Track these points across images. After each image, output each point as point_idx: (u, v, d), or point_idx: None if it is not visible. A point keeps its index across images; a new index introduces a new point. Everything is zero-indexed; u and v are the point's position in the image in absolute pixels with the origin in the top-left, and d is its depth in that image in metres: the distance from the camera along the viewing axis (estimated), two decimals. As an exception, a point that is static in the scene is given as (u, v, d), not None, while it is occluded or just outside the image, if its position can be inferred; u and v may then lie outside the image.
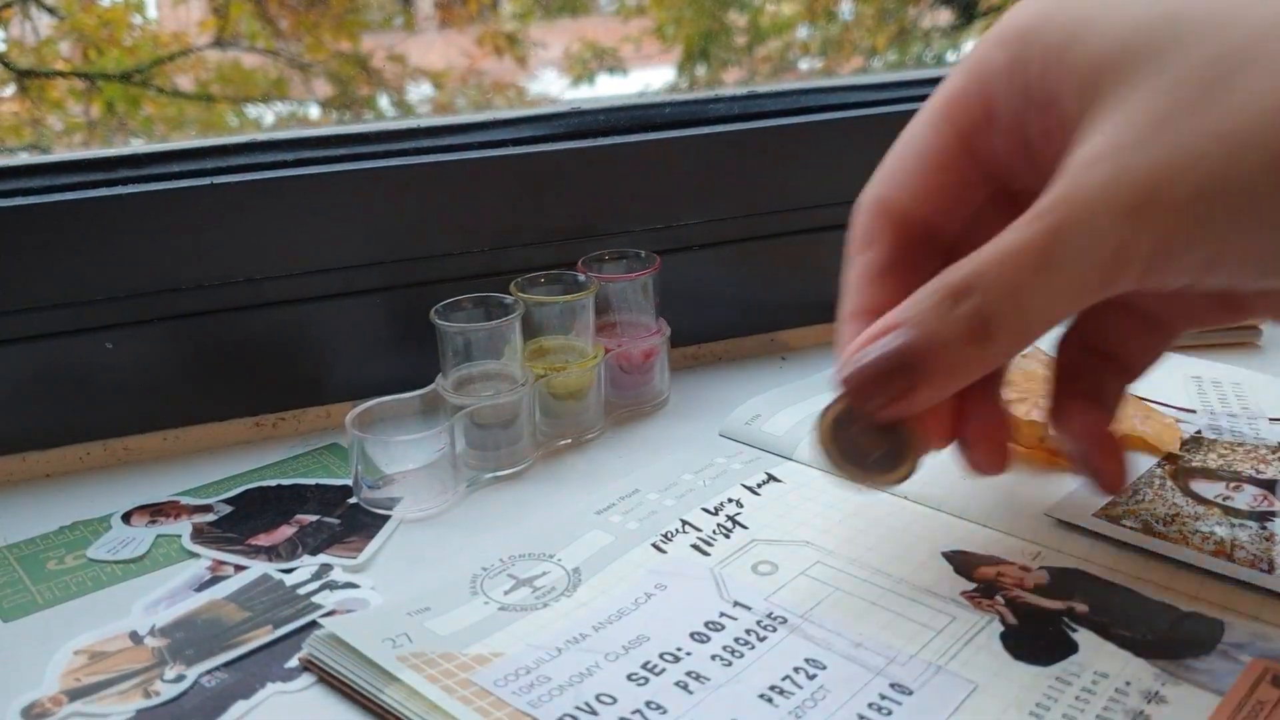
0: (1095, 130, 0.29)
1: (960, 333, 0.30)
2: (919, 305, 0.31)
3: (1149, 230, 0.28)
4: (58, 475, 0.47)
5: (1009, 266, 0.30)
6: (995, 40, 0.32)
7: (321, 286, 0.49)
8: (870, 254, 0.35)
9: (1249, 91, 0.27)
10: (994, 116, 0.32)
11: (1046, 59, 0.31)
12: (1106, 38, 0.30)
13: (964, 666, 0.32)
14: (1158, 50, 0.28)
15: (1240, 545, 0.37)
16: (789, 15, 1.06)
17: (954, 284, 0.30)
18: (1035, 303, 0.30)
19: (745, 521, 0.40)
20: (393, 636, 0.33)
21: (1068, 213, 0.29)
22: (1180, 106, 0.28)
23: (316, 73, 0.82)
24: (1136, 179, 0.28)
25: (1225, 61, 0.27)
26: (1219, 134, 0.27)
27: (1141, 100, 0.28)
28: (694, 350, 0.57)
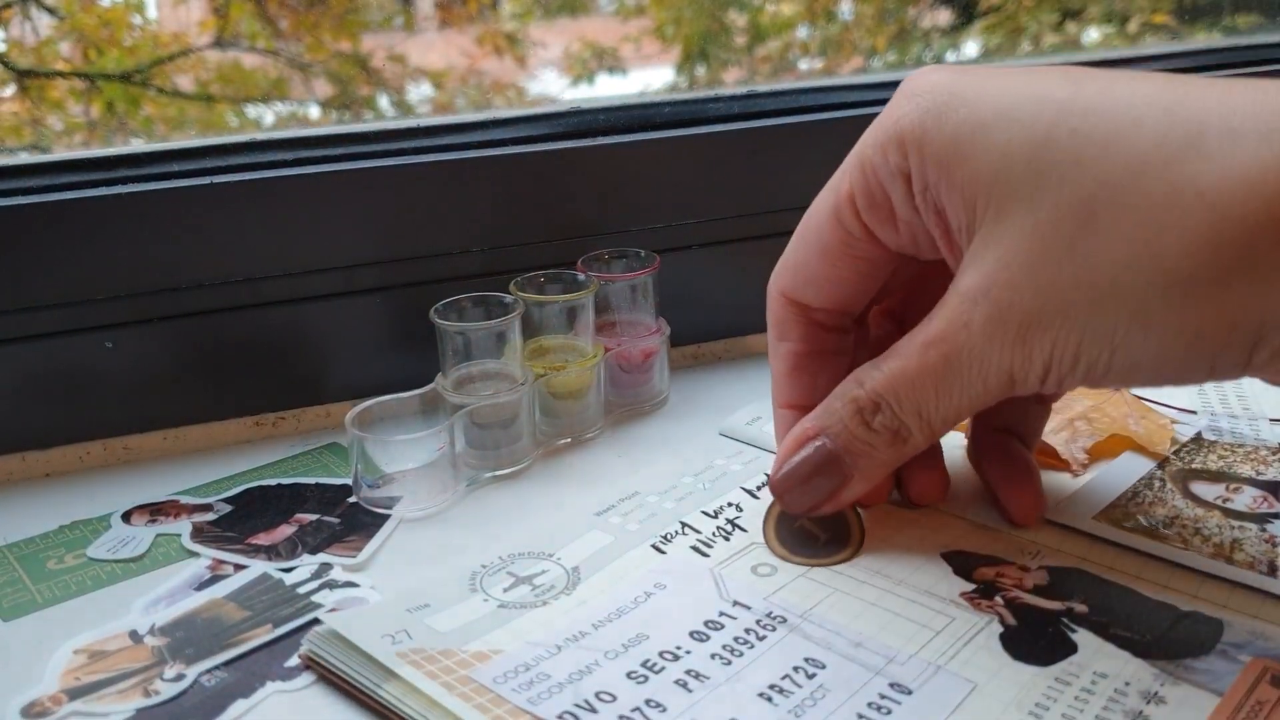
0: (977, 261, 0.32)
1: (881, 440, 0.35)
2: (835, 416, 0.35)
3: (1036, 356, 0.31)
4: (58, 475, 0.47)
5: (912, 388, 0.33)
6: (886, 143, 0.33)
7: (321, 286, 0.49)
8: (787, 345, 0.38)
9: (1104, 241, 0.29)
10: (893, 215, 0.34)
11: (938, 173, 0.32)
12: (983, 165, 0.31)
13: (963, 666, 0.32)
14: (1025, 187, 0.30)
15: (1240, 547, 0.37)
16: (789, 15, 1.06)
17: (863, 400, 0.34)
18: (939, 414, 0.34)
19: (744, 525, 0.40)
20: (392, 633, 0.33)
21: (956, 345, 0.32)
22: (1048, 252, 0.30)
23: (316, 73, 0.82)
24: (1022, 316, 0.31)
25: (1084, 208, 0.30)
26: (1082, 282, 0.30)
27: (1017, 239, 0.31)
28: (694, 350, 0.57)
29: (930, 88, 0.33)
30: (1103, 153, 0.29)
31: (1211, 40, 0.86)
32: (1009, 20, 1.04)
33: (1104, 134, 0.30)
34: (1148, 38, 1.00)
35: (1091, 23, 1.06)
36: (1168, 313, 0.29)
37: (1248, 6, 0.81)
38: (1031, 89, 0.31)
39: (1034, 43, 1.04)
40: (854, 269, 0.36)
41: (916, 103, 0.33)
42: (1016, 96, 0.31)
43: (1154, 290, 0.29)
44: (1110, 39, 1.02)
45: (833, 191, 0.35)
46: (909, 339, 0.33)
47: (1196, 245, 0.28)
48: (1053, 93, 0.31)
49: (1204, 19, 0.91)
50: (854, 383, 0.35)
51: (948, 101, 0.32)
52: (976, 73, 0.33)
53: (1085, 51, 1.06)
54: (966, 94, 0.32)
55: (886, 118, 0.34)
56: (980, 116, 0.31)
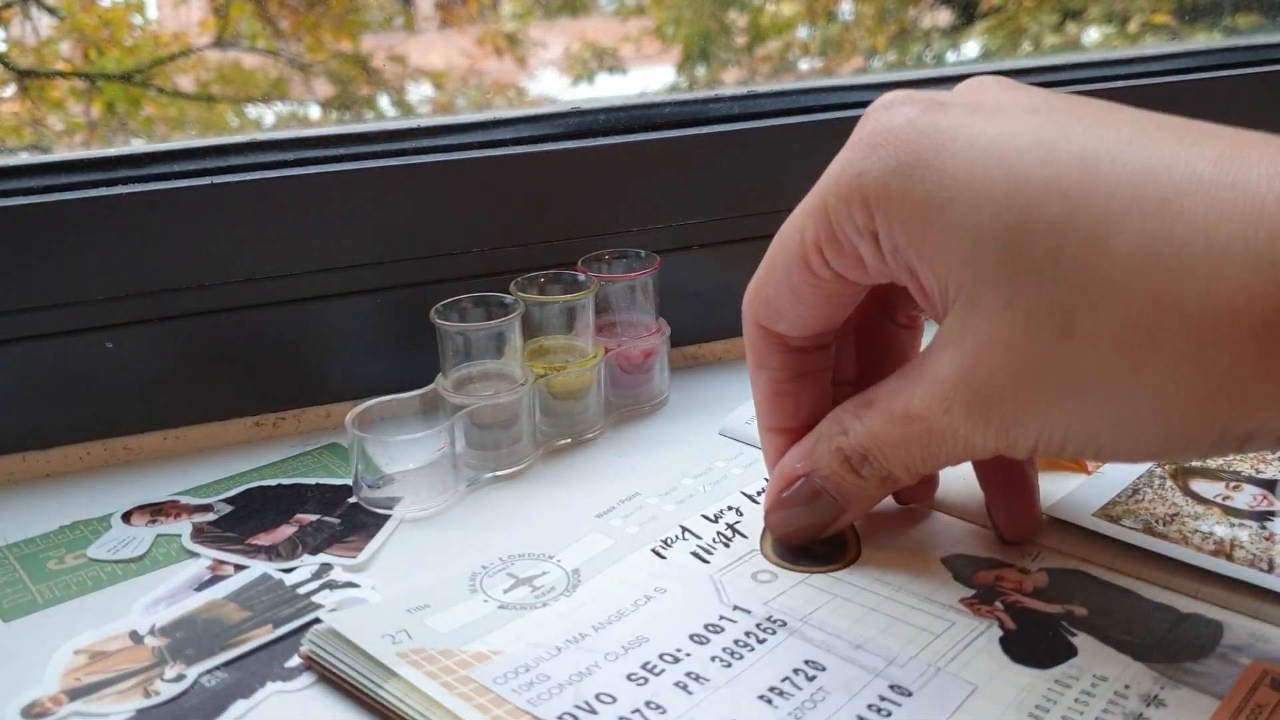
0: (954, 344, 0.31)
1: (869, 485, 0.35)
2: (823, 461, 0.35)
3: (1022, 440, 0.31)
4: (58, 475, 0.47)
5: (896, 449, 0.33)
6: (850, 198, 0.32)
7: (321, 286, 0.49)
8: (766, 373, 0.38)
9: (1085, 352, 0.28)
10: (862, 263, 0.33)
11: (906, 240, 0.31)
12: (954, 245, 0.30)
13: (963, 669, 0.32)
14: (1001, 280, 0.29)
15: (1240, 545, 0.37)
16: (789, 15, 1.06)
17: (849, 450, 0.35)
18: (927, 467, 0.34)
19: (745, 530, 0.40)
20: (392, 632, 0.33)
21: (939, 427, 0.32)
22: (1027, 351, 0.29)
23: (317, 73, 0.82)
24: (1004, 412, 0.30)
25: (1064, 314, 0.28)
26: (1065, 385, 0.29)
27: (991, 333, 0.30)
28: (694, 350, 0.57)
29: (893, 139, 0.31)
30: (1082, 255, 0.28)
31: (1212, 40, 0.86)
32: (1009, 21, 1.04)
33: (1083, 232, 0.28)
34: (1148, 38, 1.00)
35: (1092, 23, 1.06)
36: (1153, 422, 0.28)
37: (1248, 6, 0.81)
38: (1004, 162, 0.29)
39: (1034, 43, 1.04)
40: (827, 303, 0.35)
41: (880, 156, 0.31)
42: (987, 170, 0.29)
43: (1138, 405, 0.28)
44: (1110, 39, 1.02)
45: (797, 233, 0.34)
46: (890, 397, 0.33)
47: (1181, 370, 0.27)
48: (1028, 171, 0.29)
49: (1204, 19, 0.91)
50: (838, 428, 0.35)
51: (911, 163, 0.30)
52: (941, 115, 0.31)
53: (1085, 51, 1.06)
54: (931, 157, 0.30)
55: (850, 165, 0.32)
56: (948, 189, 0.30)
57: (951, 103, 0.32)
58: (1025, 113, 0.31)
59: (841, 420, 0.35)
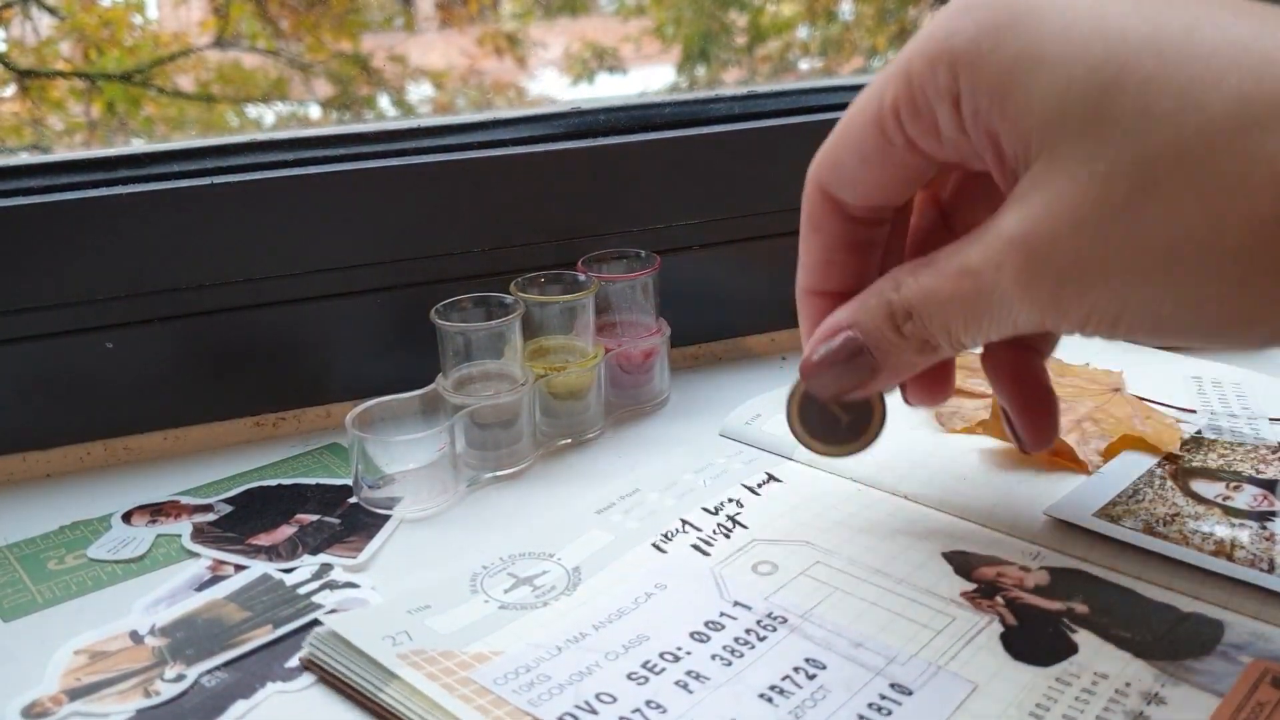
0: (1023, 201, 0.30)
1: (910, 346, 0.34)
2: (869, 313, 0.34)
3: (1072, 313, 0.29)
4: (58, 475, 0.47)
5: (942, 308, 0.32)
6: (936, 59, 0.31)
7: (321, 286, 0.49)
8: (819, 237, 0.37)
9: (1163, 209, 0.27)
10: (937, 131, 0.32)
11: (990, 101, 0.30)
12: (1042, 102, 0.29)
13: (964, 667, 0.32)
14: (1086, 131, 0.28)
15: (1240, 545, 0.37)
16: (789, 15, 1.06)
17: (896, 305, 0.33)
18: (968, 335, 0.32)
19: (745, 521, 0.40)
20: (393, 634, 0.33)
21: (988, 284, 0.30)
22: (1099, 209, 0.28)
23: (317, 73, 0.82)
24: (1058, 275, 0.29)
25: (1147, 169, 0.27)
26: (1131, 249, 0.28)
27: (1066, 188, 0.29)
28: (694, 350, 0.57)
29: (989, 2, 0.30)
30: (1176, 110, 0.27)
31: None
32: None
33: (1179, 87, 0.27)
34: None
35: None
36: (1224, 292, 0.27)
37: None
38: (1103, 22, 0.28)
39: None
40: (895, 174, 0.34)
41: (973, 18, 0.30)
42: (1086, 29, 0.28)
43: (1209, 269, 0.27)
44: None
45: (875, 98, 0.33)
46: (949, 255, 0.32)
47: (1264, 226, 0.26)
48: (1127, 29, 0.28)
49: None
50: (891, 284, 0.34)
51: (1007, 23, 0.29)
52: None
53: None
54: (1028, 17, 0.29)
55: (938, 29, 0.31)
56: (1042, 47, 0.29)
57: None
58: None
59: (896, 277, 0.34)
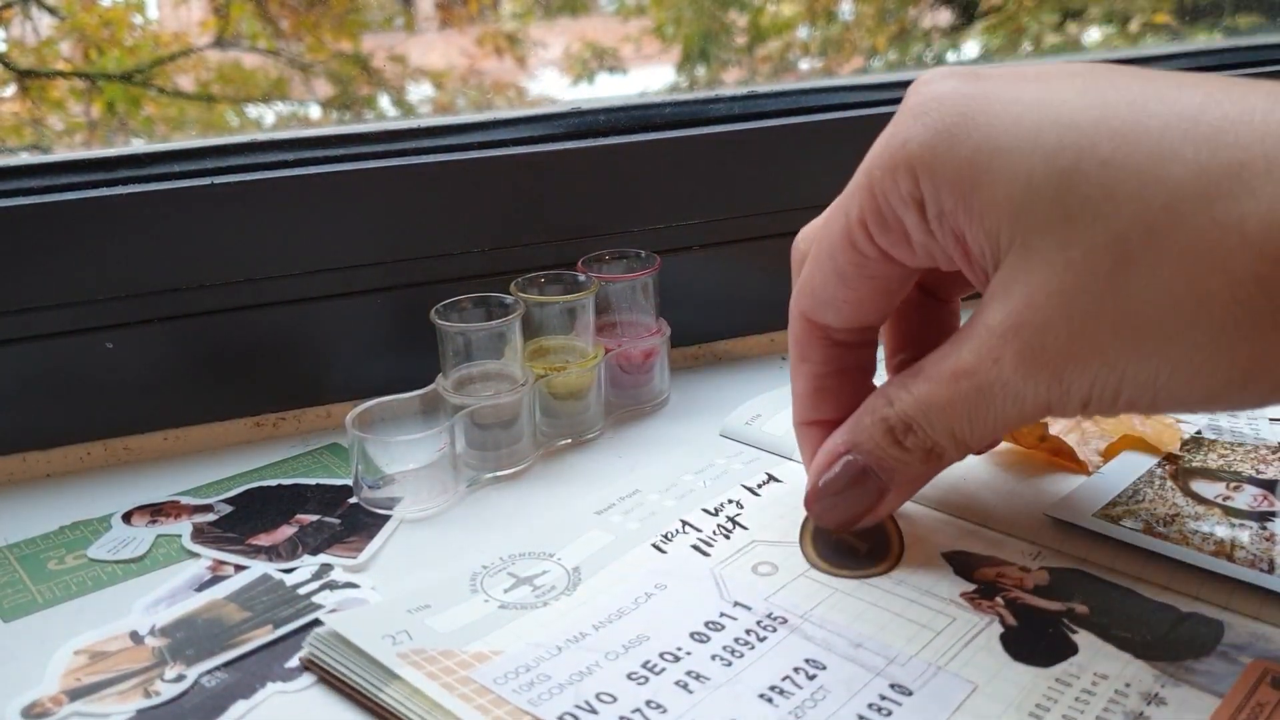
0: (1004, 294, 0.30)
1: (915, 458, 0.34)
2: (866, 433, 0.35)
3: (1074, 392, 0.30)
4: (58, 475, 0.47)
5: (943, 413, 0.33)
6: (895, 167, 0.32)
7: (322, 286, 0.49)
8: (808, 366, 0.37)
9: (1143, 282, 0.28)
10: (907, 238, 0.33)
11: (954, 200, 0.31)
12: (1004, 195, 0.30)
13: (964, 667, 0.32)
14: (1053, 222, 0.29)
15: (1240, 545, 0.37)
16: (789, 15, 1.06)
17: (893, 420, 0.34)
18: (974, 435, 0.33)
19: (745, 522, 0.40)
20: (393, 633, 0.33)
21: (988, 379, 0.31)
22: (1082, 291, 0.29)
23: (317, 73, 0.82)
24: (1055, 356, 0.29)
25: (1120, 247, 0.28)
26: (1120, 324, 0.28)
27: (1046, 276, 0.29)
28: (694, 350, 0.57)
29: (938, 105, 0.31)
30: (1138, 188, 0.28)
31: (1212, 40, 0.86)
32: (1010, 20, 1.04)
33: (1137, 166, 0.28)
34: (1148, 38, 1.00)
35: (1092, 23, 1.06)
36: (1216, 356, 0.28)
37: (1248, 7, 0.81)
38: (1052, 111, 0.29)
39: (1035, 43, 1.04)
40: (872, 288, 0.35)
41: (924, 123, 0.31)
42: (1036, 119, 0.29)
43: (1199, 335, 0.27)
44: (1111, 39, 1.02)
45: (843, 215, 0.34)
46: (937, 361, 0.32)
47: (1244, 290, 0.27)
48: (1076, 115, 0.29)
49: (1205, 19, 0.91)
50: (883, 400, 0.34)
51: (958, 122, 0.30)
52: (985, 82, 0.31)
53: (1086, 51, 1.06)
54: (978, 115, 0.30)
55: (893, 139, 0.32)
56: (996, 141, 0.30)
57: (992, 73, 0.32)
58: (1066, 75, 0.31)
59: (887, 393, 0.34)
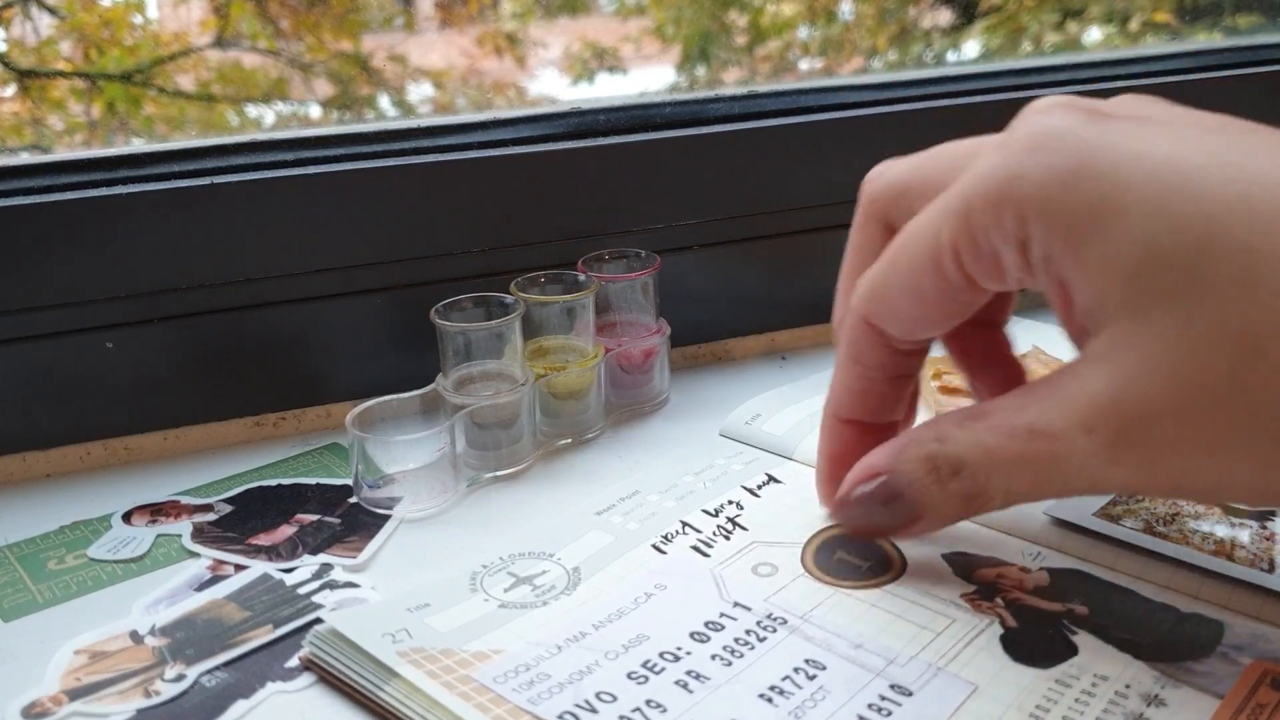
0: (1110, 360, 0.28)
1: (952, 500, 0.32)
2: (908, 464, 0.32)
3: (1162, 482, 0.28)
4: (58, 475, 0.47)
5: (1004, 469, 0.30)
6: (1001, 204, 0.29)
7: (321, 286, 0.49)
8: (859, 368, 0.36)
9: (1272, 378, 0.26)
10: (1001, 270, 0.31)
11: (1064, 248, 0.29)
12: (1124, 255, 0.27)
13: (964, 668, 0.32)
14: (1179, 296, 0.27)
15: (1240, 545, 0.37)
16: (789, 15, 1.06)
17: (942, 459, 0.32)
18: (1030, 496, 0.31)
19: (745, 523, 0.40)
20: (393, 632, 0.33)
21: (1069, 449, 0.29)
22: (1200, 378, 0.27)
23: (317, 73, 0.82)
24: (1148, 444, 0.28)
25: (1250, 335, 0.26)
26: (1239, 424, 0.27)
27: (1159, 352, 0.27)
28: (694, 350, 0.57)
29: (1056, 143, 0.29)
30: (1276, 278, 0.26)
31: (1212, 40, 0.86)
32: (1010, 20, 1.04)
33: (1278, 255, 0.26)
34: (1148, 37, 1.00)
35: (1092, 22, 1.06)
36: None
37: (1248, 6, 0.81)
38: (1183, 176, 0.27)
39: (1035, 42, 1.04)
40: (947, 309, 0.33)
41: (1040, 160, 0.29)
42: (1165, 183, 0.27)
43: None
44: (1111, 38, 1.02)
45: (931, 236, 0.31)
46: (1012, 412, 0.30)
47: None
48: (1213, 188, 0.27)
49: (1205, 19, 0.91)
50: (932, 434, 0.32)
51: (1078, 169, 0.28)
52: (1108, 125, 0.29)
53: (1086, 51, 1.06)
54: (1101, 163, 0.28)
55: (1000, 169, 0.29)
56: (1120, 199, 0.27)
57: (1115, 113, 0.30)
58: (1199, 130, 0.29)
59: (940, 428, 0.32)
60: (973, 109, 0.58)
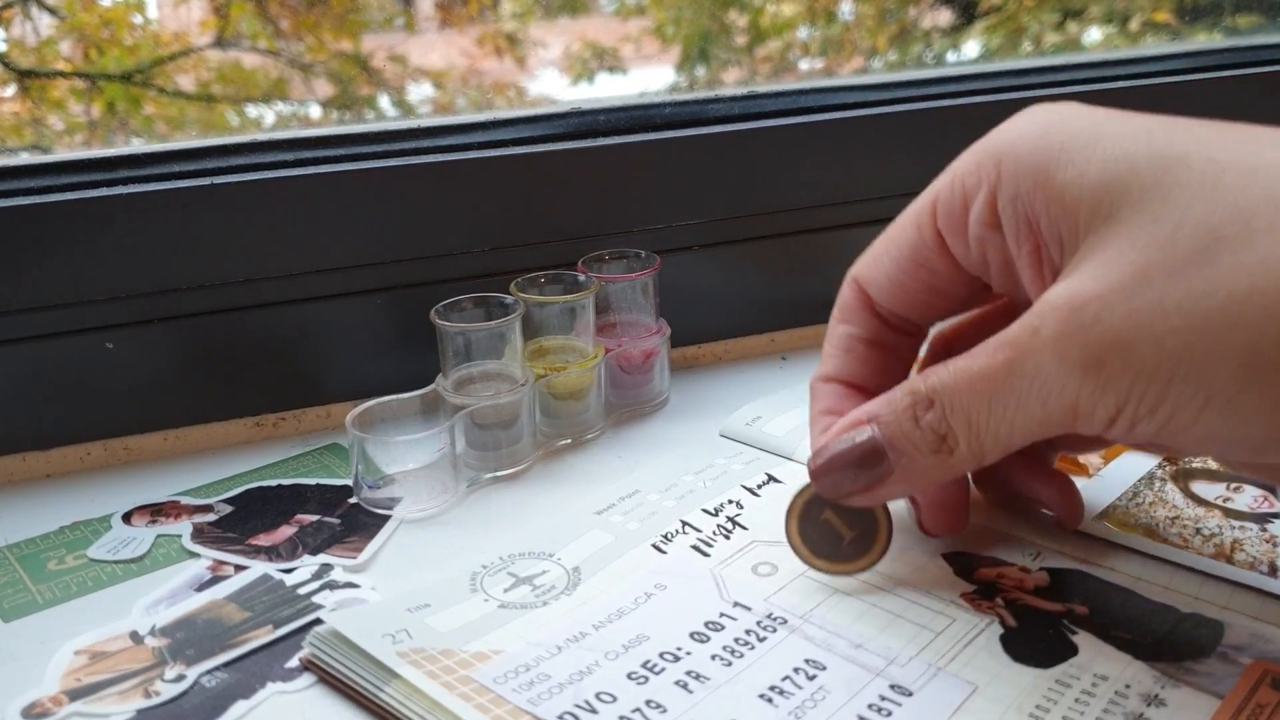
0: (1072, 271, 0.29)
1: (925, 442, 0.32)
2: (891, 405, 0.33)
3: (1111, 390, 0.28)
4: (58, 475, 0.47)
5: (968, 390, 0.30)
6: (983, 156, 0.32)
7: (321, 286, 0.49)
8: (846, 328, 0.37)
9: (1226, 275, 0.26)
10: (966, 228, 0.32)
11: (1032, 180, 0.30)
12: (1096, 167, 0.29)
13: (964, 668, 0.32)
14: (1148, 197, 0.28)
15: (1240, 547, 0.37)
16: (789, 15, 1.06)
17: (920, 394, 0.32)
18: (989, 427, 0.30)
19: (745, 523, 0.40)
20: (393, 632, 0.33)
21: (1021, 352, 0.29)
22: (1155, 271, 0.27)
23: (317, 73, 0.82)
24: (1104, 336, 0.27)
25: (1212, 233, 0.27)
26: (1189, 316, 0.26)
27: (1123, 250, 0.28)
28: (694, 350, 0.57)
29: (1043, 109, 0.32)
30: (1246, 180, 0.27)
31: (1212, 40, 0.86)
32: (1010, 20, 1.04)
33: (1246, 168, 0.27)
34: (1148, 37, 1.00)
35: (1092, 22, 1.06)
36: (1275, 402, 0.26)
37: (1248, 6, 0.81)
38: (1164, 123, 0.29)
39: (1035, 43, 1.04)
40: (920, 279, 0.35)
41: (1023, 120, 0.31)
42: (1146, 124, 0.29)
43: (1269, 342, 0.26)
44: (1111, 39, 1.02)
45: (921, 199, 0.34)
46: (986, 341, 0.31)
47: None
48: (1191, 128, 0.29)
49: (1205, 19, 0.91)
50: (919, 377, 0.33)
51: (1055, 124, 0.31)
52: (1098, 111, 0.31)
53: (1086, 51, 1.06)
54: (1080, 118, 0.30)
55: (991, 133, 0.32)
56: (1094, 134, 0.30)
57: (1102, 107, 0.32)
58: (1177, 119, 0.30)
59: (926, 370, 0.33)
60: (973, 109, 0.58)
